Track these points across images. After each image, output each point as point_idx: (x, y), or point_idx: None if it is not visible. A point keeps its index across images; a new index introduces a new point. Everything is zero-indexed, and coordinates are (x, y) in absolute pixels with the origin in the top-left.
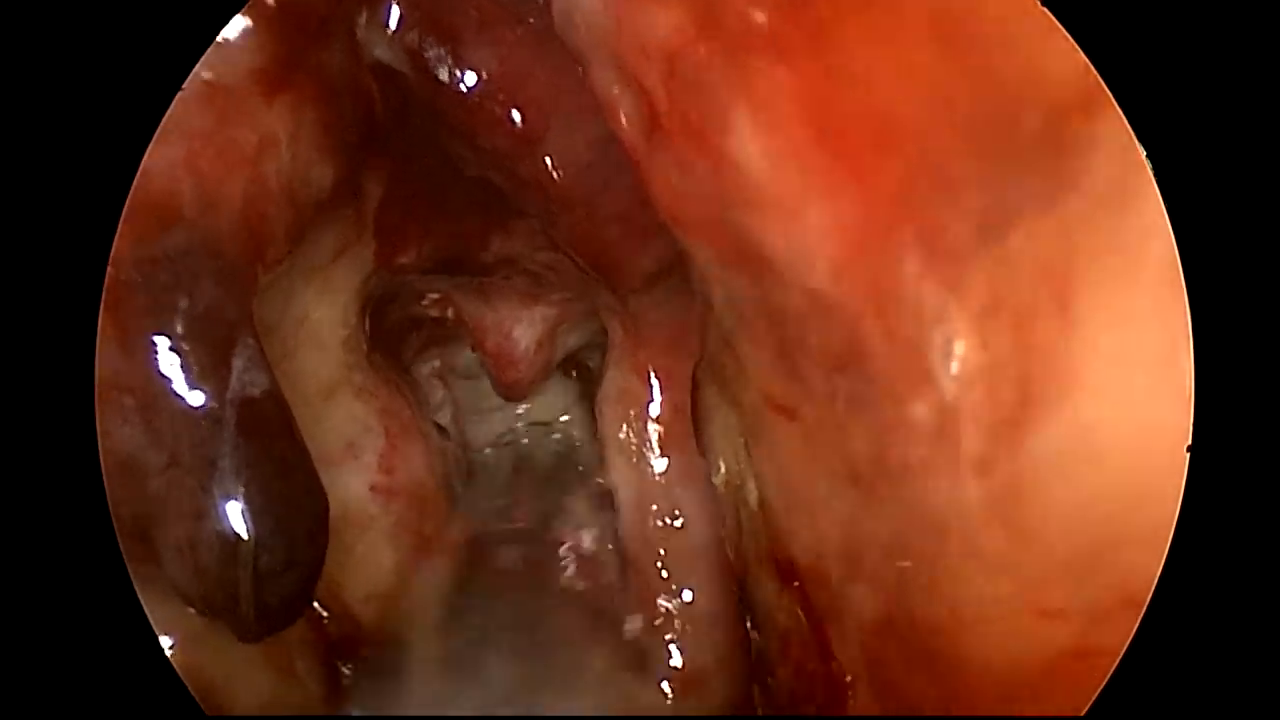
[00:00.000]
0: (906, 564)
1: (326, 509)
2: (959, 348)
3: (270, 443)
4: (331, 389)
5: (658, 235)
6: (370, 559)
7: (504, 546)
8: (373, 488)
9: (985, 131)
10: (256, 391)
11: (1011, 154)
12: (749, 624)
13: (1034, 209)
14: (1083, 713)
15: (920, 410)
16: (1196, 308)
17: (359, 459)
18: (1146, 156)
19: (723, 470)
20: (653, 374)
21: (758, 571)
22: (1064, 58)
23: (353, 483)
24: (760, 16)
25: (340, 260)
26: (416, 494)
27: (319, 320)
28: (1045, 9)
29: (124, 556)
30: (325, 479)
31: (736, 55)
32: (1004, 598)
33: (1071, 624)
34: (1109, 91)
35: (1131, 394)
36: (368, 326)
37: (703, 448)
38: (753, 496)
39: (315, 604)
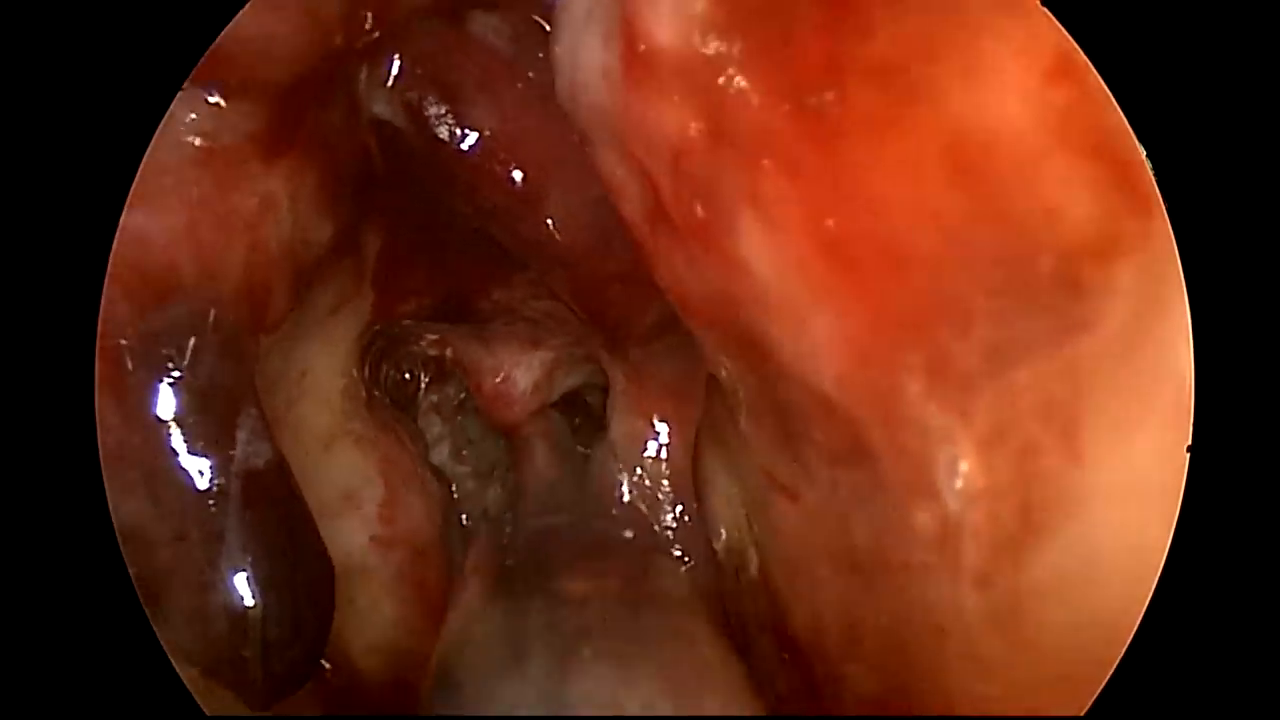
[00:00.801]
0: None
1: (332, 576)
2: (963, 467)
3: (275, 513)
4: (331, 439)
5: (659, 295)
6: (372, 611)
7: None
8: (373, 538)
9: (998, 269)
10: (260, 462)
11: (1024, 292)
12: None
13: (1044, 348)
14: (1083, 713)
15: (923, 519)
16: (1196, 307)
17: (359, 510)
18: (1146, 156)
19: (724, 536)
20: (660, 417)
21: (757, 636)
22: (1082, 202)
23: (354, 534)
24: (773, 123)
25: (340, 313)
26: (416, 544)
27: (319, 371)
28: (1045, 9)
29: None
30: (325, 531)
31: (746, 160)
32: (997, 697)
33: None
34: (1133, 232)
35: (1129, 525)
36: (367, 372)
37: (705, 512)
38: (753, 565)
39: None
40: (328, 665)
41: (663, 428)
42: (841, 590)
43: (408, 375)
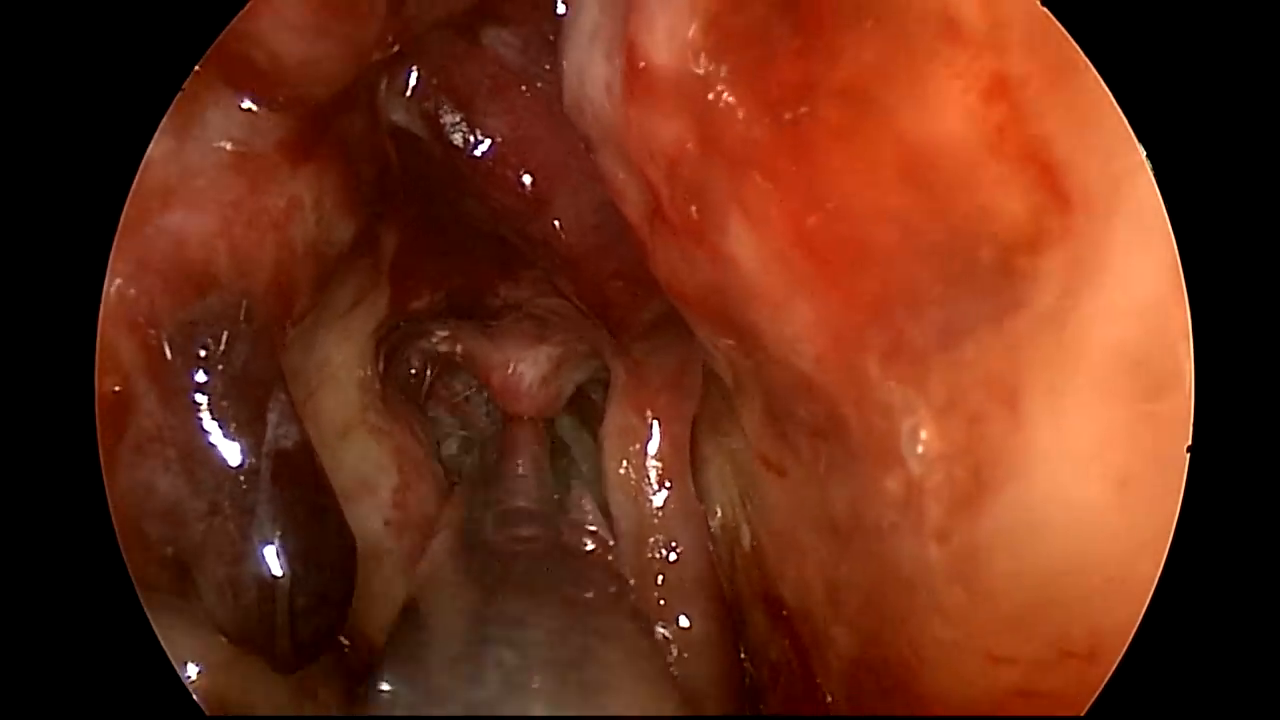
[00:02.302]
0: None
1: (354, 550)
2: (923, 435)
3: (302, 490)
4: (348, 428)
5: (658, 292)
6: (386, 591)
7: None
8: (387, 522)
9: (946, 260)
10: (289, 443)
11: (968, 279)
12: (742, 653)
13: (986, 326)
14: (1083, 713)
15: (890, 484)
16: (1196, 307)
17: (374, 495)
18: (1146, 156)
19: (719, 515)
20: (652, 413)
21: (751, 608)
22: (1014, 201)
23: (369, 518)
24: (756, 134)
25: (358, 308)
26: (426, 528)
27: (338, 364)
28: (1046, 9)
29: (144, 587)
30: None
31: (733, 168)
32: (960, 643)
33: (1017, 669)
34: (1057, 226)
35: (1063, 482)
36: (381, 366)
37: (700, 493)
38: (746, 540)
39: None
40: (346, 642)
41: (654, 424)
42: (824, 555)
43: (414, 370)
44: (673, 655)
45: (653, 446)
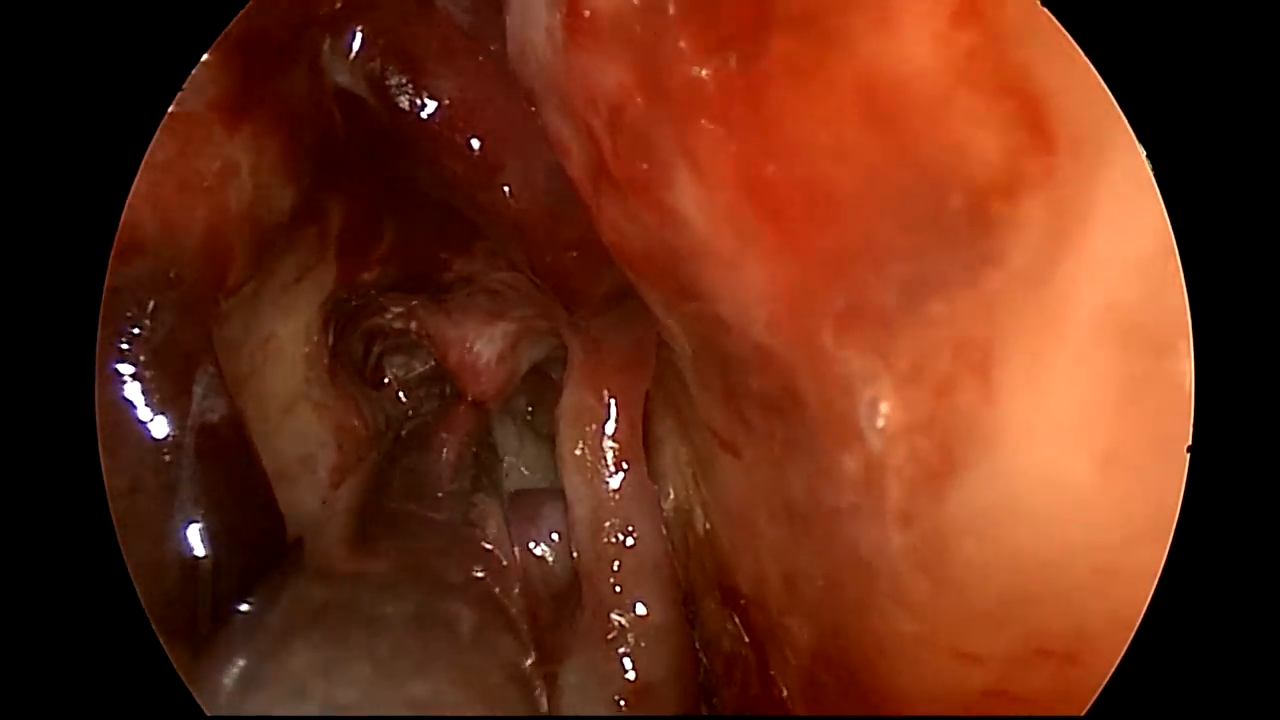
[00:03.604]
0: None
1: (284, 531)
2: (884, 408)
3: (228, 467)
4: (291, 403)
5: (614, 263)
6: None
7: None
8: (324, 501)
9: (911, 206)
10: (215, 417)
11: (936, 229)
12: (696, 644)
13: (957, 282)
14: (1083, 713)
15: (849, 462)
16: (1196, 307)
17: (313, 473)
18: (1146, 156)
19: (672, 497)
20: (609, 393)
21: (704, 595)
22: (989, 140)
23: (306, 497)
24: (701, 76)
25: (304, 280)
26: None
27: (283, 338)
28: (1046, 9)
29: None
30: (281, 494)
31: (678, 114)
32: (924, 638)
33: (988, 668)
34: (1038, 169)
35: (1043, 461)
36: (330, 341)
37: (654, 474)
38: (700, 524)
39: None
40: None
41: (611, 403)
42: (780, 539)
43: (366, 348)
44: (629, 644)
45: (610, 427)
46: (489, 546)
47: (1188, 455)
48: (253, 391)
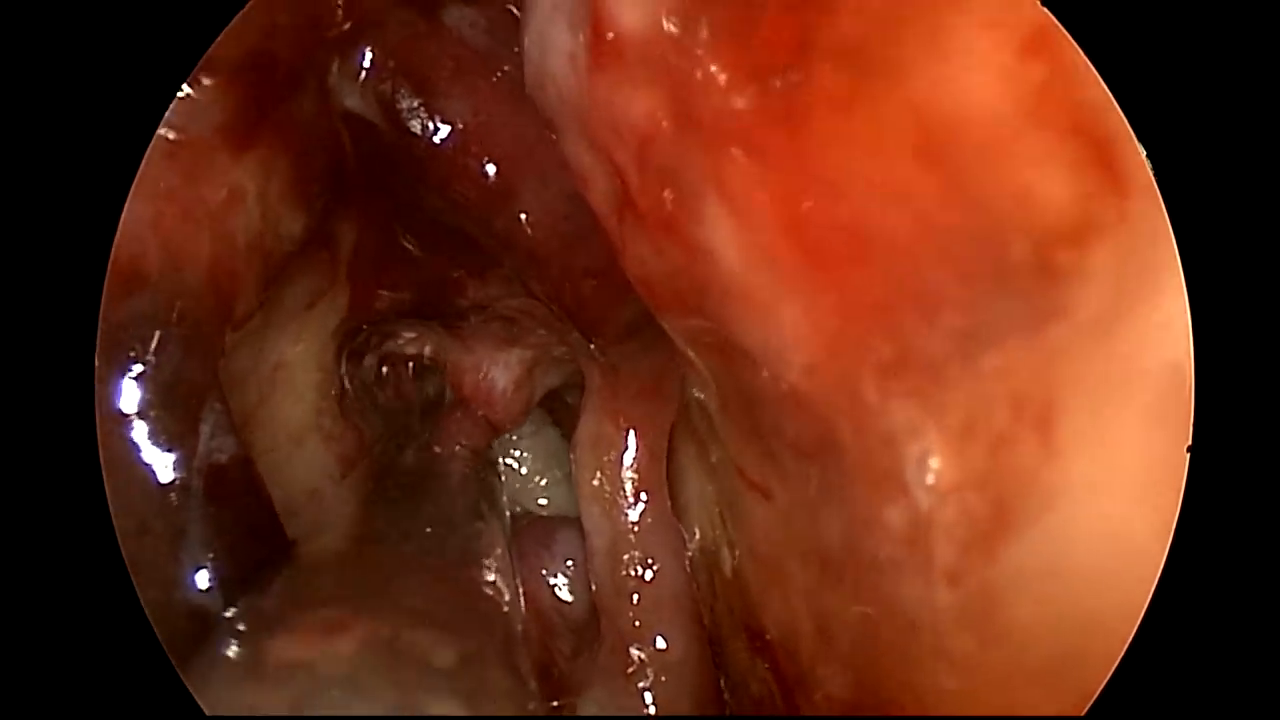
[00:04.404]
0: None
1: None
2: (934, 463)
3: (238, 510)
4: (301, 435)
5: (635, 292)
6: None
7: None
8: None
9: (969, 253)
10: (224, 458)
11: (996, 278)
12: (722, 685)
13: (1017, 336)
14: (1083, 713)
15: (893, 515)
16: (1196, 308)
17: (320, 506)
18: (1147, 156)
19: (697, 536)
20: (627, 422)
21: (731, 638)
22: (1058, 182)
23: None
24: (738, 106)
25: (315, 308)
26: None
27: (294, 366)
28: (1046, 9)
29: None
30: (289, 530)
31: (712, 146)
32: (968, 693)
33: None
34: (1111, 214)
35: (1106, 520)
36: (344, 369)
37: (678, 511)
38: (727, 564)
39: None
40: None
41: (629, 433)
42: (813, 587)
43: (384, 370)
44: (649, 678)
45: (628, 457)
46: (489, 588)
47: (1188, 455)
48: (260, 421)
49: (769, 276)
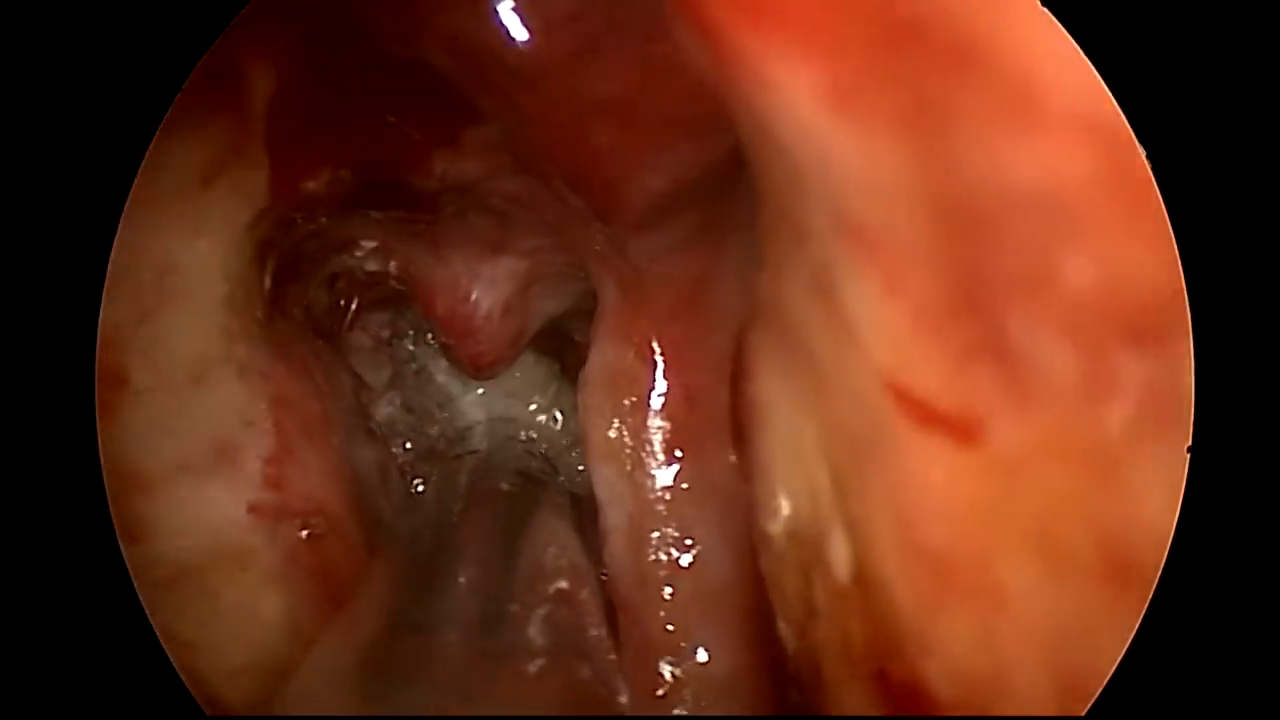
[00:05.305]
0: None
1: None
2: None
3: None
4: (203, 367)
5: (675, 136)
6: (246, 611)
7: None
8: (252, 508)
9: None
10: None
11: None
12: None
13: None
14: (1083, 713)
15: None
16: (1196, 308)
17: (236, 466)
18: (1147, 156)
19: (785, 511)
20: (657, 348)
21: (844, 682)
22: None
23: (223, 500)
24: None
25: (216, 184)
26: (317, 519)
27: (188, 269)
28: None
29: None
30: (186, 493)
31: None
32: None
33: None
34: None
35: None
36: (269, 282)
37: (750, 469)
38: (842, 560)
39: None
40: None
41: (659, 364)
42: (1042, 604)
43: (341, 301)
44: (687, 702)
45: (657, 399)
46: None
47: (1188, 455)
48: (148, 347)
49: None
